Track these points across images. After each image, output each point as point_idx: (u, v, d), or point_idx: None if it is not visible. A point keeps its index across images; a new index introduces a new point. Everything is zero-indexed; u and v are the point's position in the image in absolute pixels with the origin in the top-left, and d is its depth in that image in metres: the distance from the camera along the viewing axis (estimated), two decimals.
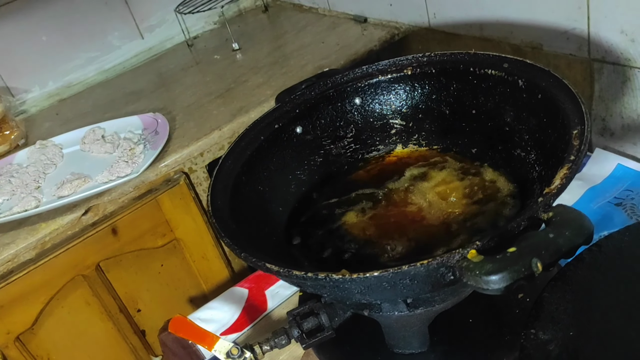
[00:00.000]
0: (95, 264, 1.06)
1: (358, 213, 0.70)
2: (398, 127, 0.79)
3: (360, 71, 0.79)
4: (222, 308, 0.88)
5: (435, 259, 0.46)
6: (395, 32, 1.24)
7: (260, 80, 1.24)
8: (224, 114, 1.15)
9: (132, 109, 1.29)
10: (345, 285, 0.50)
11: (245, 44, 1.45)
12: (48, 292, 1.02)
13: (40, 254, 0.99)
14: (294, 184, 0.76)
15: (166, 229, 1.12)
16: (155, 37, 1.57)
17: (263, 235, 0.67)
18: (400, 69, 0.77)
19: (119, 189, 1.02)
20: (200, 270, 1.20)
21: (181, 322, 0.75)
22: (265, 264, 0.52)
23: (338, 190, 0.75)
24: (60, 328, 1.06)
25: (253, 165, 0.72)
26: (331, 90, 0.78)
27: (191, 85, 1.33)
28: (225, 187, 0.66)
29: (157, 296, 1.17)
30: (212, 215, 0.60)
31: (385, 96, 0.78)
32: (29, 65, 1.44)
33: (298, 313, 0.69)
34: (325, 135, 0.79)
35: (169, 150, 1.08)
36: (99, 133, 1.15)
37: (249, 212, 0.67)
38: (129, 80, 1.47)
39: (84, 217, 1.01)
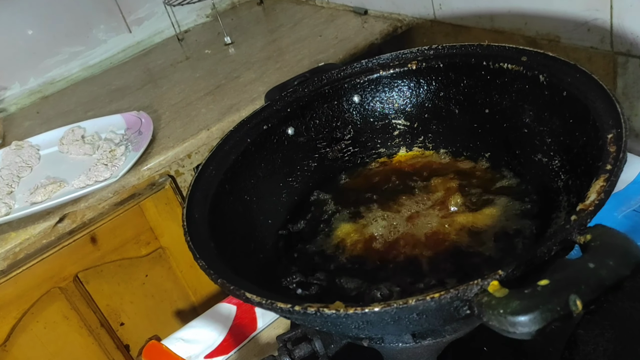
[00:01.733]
0: (73, 275, 0.98)
1: (356, 226, 0.62)
2: (401, 128, 0.71)
3: (359, 66, 0.70)
4: (206, 327, 0.80)
5: (448, 291, 0.38)
6: (398, 24, 1.16)
7: (253, 76, 1.15)
8: (213, 113, 1.06)
9: (116, 107, 1.21)
10: (340, 320, 0.42)
11: (238, 38, 1.37)
12: (21, 306, 0.94)
13: (12, 265, 0.91)
14: (285, 193, 0.68)
15: (150, 237, 1.04)
16: (144, 30, 1.49)
17: (248, 253, 0.59)
18: (403, 63, 0.68)
19: (97, 195, 0.94)
20: (188, 280, 1.11)
21: (156, 348, 0.67)
22: (245, 293, 0.44)
23: (334, 199, 0.67)
24: (35, 344, 0.98)
25: (238, 171, 0.63)
26: (327, 87, 0.70)
27: (180, 81, 1.24)
28: (205, 197, 0.58)
29: (142, 309, 1.09)
30: (187, 232, 0.52)
31: (387, 93, 0.70)
32: (9, 61, 1.35)
33: (289, 338, 0.61)
34: (320, 137, 0.71)
35: (153, 152, 0.99)
36: (78, 133, 1.07)
37: (233, 226, 0.59)
38: (115, 76, 1.39)
39: (59, 225, 0.93)
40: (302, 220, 0.66)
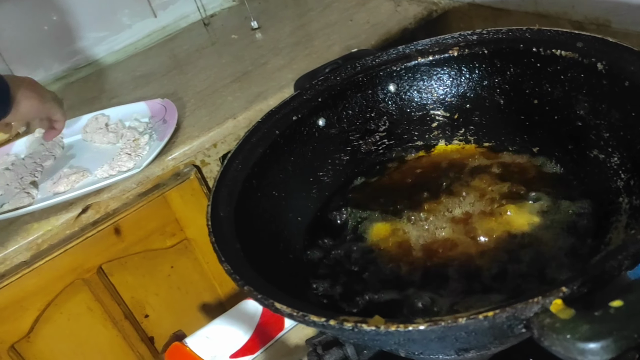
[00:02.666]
0: (97, 266, 0.96)
1: (391, 226, 0.58)
2: (440, 120, 0.66)
3: (395, 52, 0.66)
4: (232, 325, 0.77)
5: (504, 310, 0.33)
6: (433, 8, 1.10)
7: (281, 62, 1.11)
8: (240, 101, 1.03)
9: (141, 93, 1.18)
10: (380, 337, 0.38)
11: (265, 23, 1.33)
12: (44, 297, 0.92)
13: (35, 255, 0.89)
14: (316, 188, 0.64)
15: (176, 228, 1.01)
16: (170, 15, 1.45)
17: (276, 253, 0.55)
18: (444, 49, 0.63)
19: (120, 185, 0.91)
20: (214, 272, 1.09)
21: (179, 350, 0.64)
22: (275, 303, 0.40)
23: (368, 195, 0.63)
24: (59, 336, 0.97)
25: (266, 166, 0.60)
26: (360, 75, 0.65)
27: (205, 67, 1.21)
28: (231, 193, 0.54)
29: (167, 301, 1.07)
30: (212, 232, 0.48)
31: (425, 82, 0.65)
32: (33, 46, 1.33)
33: (319, 342, 0.58)
34: (352, 129, 0.66)
35: (177, 142, 0.96)
36: (102, 121, 1.04)
37: (260, 225, 0.55)
38: (139, 62, 1.36)
39: (83, 216, 0.91)
40: (333, 218, 0.62)
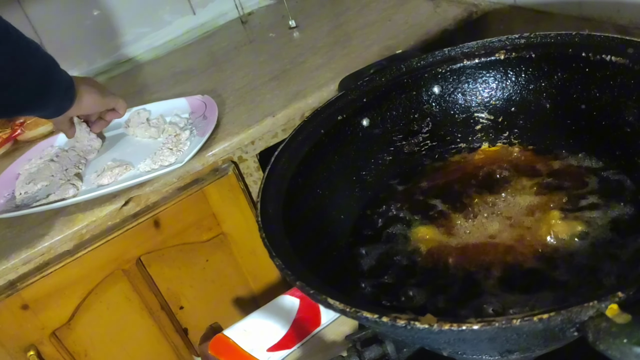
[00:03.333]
0: (136, 257, 0.98)
1: (434, 228, 0.58)
2: (484, 122, 0.66)
3: (440, 54, 0.66)
4: (269, 319, 0.78)
5: (559, 312, 0.34)
6: (473, 9, 1.10)
7: (320, 61, 1.12)
8: (279, 99, 1.04)
9: (180, 89, 1.20)
10: (431, 335, 0.38)
11: (303, 22, 1.34)
12: (86, 286, 0.95)
13: (78, 245, 0.92)
14: (359, 187, 0.65)
15: (212, 223, 1.03)
16: (208, 12, 1.48)
17: (321, 250, 0.56)
18: (490, 52, 0.64)
19: (162, 179, 0.94)
20: (248, 267, 1.10)
21: (223, 342, 0.65)
22: (327, 299, 0.41)
23: (410, 196, 0.64)
24: (98, 324, 0.99)
25: (311, 164, 0.61)
26: (405, 77, 0.66)
27: (243, 65, 1.22)
28: (279, 191, 0.56)
29: (202, 293, 1.09)
30: (262, 229, 0.50)
31: (470, 85, 0.66)
32: (78, 40, 1.37)
33: (359, 338, 0.58)
34: (396, 130, 0.67)
35: (217, 138, 0.98)
36: (144, 116, 1.07)
37: (306, 222, 0.57)
38: (178, 58, 1.38)
39: (124, 208, 0.93)
40: (376, 217, 0.63)
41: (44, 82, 0.81)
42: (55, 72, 0.83)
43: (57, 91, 0.84)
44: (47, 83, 0.81)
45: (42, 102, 0.83)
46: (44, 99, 0.82)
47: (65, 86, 0.85)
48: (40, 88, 0.80)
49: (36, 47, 0.80)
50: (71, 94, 0.87)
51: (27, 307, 0.91)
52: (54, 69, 0.83)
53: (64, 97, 0.86)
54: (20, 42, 0.77)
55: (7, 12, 1.25)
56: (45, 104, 0.84)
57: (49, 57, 0.83)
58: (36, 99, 0.81)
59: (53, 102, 0.85)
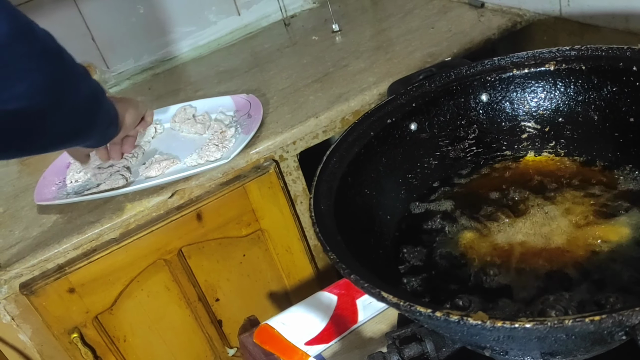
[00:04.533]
0: (178, 249, 1.01)
1: (478, 233, 0.60)
2: (531, 131, 0.67)
3: (490, 63, 0.68)
4: (307, 314, 0.80)
5: (610, 315, 0.35)
6: (518, 19, 1.10)
7: (362, 65, 1.14)
8: (322, 101, 1.06)
9: (224, 88, 1.23)
10: (482, 331, 0.40)
11: (345, 26, 1.36)
12: (129, 273, 0.98)
13: (124, 234, 0.95)
14: (404, 189, 0.67)
15: (252, 218, 1.06)
16: (252, 13, 1.51)
17: (368, 248, 0.58)
18: (540, 62, 0.65)
19: (207, 174, 0.97)
20: (283, 263, 1.13)
21: (268, 332, 0.68)
22: (381, 292, 0.43)
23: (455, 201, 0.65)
24: (138, 311, 1.03)
25: (360, 165, 0.63)
26: (455, 84, 0.68)
27: (287, 67, 1.25)
28: (330, 188, 0.58)
29: (237, 287, 1.12)
30: (316, 223, 0.52)
31: (518, 94, 0.67)
32: (126, 37, 1.41)
33: (399, 336, 0.60)
34: (443, 135, 0.69)
35: (262, 136, 1.01)
36: (190, 112, 1.10)
37: (355, 220, 0.59)
38: (222, 57, 1.42)
39: (169, 200, 0.96)
40: (421, 219, 0.64)
41: (94, 107, 0.78)
42: (104, 100, 0.80)
43: (106, 117, 0.82)
44: (97, 109, 0.79)
45: (90, 129, 0.81)
46: (91, 125, 0.80)
47: (113, 114, 0.84)
48: (89, 113, 0.78)
49: (86, 73, 0.77)
50: (117, 122, 0.86)
51: (73, 291, 0.94)
52: (102, 96, 0.80)
53: (110, 125, 0.85)
54: (73, 66, 0.73)
55: (62, 8, 1.30)
56: (92, 130, 0.82)
57: (97, 84, 0.79)
58: (85, 124, 0.79)
59: (99, 130, 0.83)
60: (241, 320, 1.03)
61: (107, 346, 1.01)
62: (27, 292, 0.90)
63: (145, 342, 1.06)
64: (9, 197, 1.07)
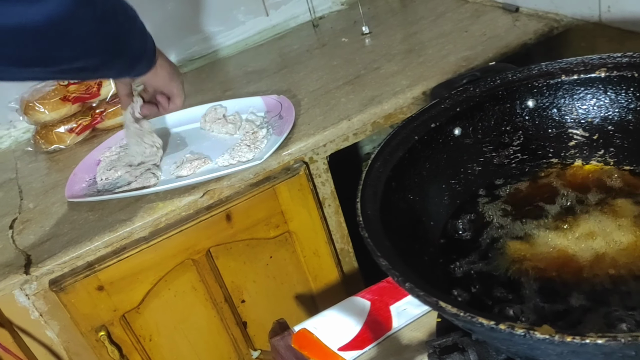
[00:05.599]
0: (206, 249, 1.01)
1: (525, 242, 0.59)
2: (579, 139, 0.66)
3: (537, 68, 0.66)
4: (340, 319, 0.79)
5: None
6: (555, 25, 1.09)
7: (395, 68, 1.13)
8: (354, 103, 1.05)
9: (254, 88, 1.23)
10: (547, 345, 0.39)
11: (375, 29, 1.35)
12: (157, 273, 0.98)
13: (154, 233, 0.95)
14: (448, 195, 0.65)
15: (280, 220, 1.05)
16: (281, 14, 1.50)
17: (413, 254, 0.57)
18: (590, 69, 0.63)
19: (239, 175, 0.96)
20: (310, 267, 1.12)
21: (306, 337, 0.67)
22: (439, 302, 0.42)
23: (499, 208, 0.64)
24: (165, 310, 1.03)
25: (404, 169, 0.62)
26: (500, 89, 0.66)
27: (317, 68, 1.24)
28: (375, 193, 0.57)
29: (263, 289, 1.11)
30: (365, 229, 0.51)
31: (566, 100, 0.65)
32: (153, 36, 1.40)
33: (439, 345, 0.59)
34: (487, 141, 0.67)
35: (294, 138, 1.00)
36: (220, 112, 1.10)
37: (399, 225, 0.57)
38: (250, 58, 1.41)
39: (199, 200, 0.96)
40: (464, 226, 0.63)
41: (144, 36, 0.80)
42: (147, 34, 0.83)
43: (148, 46, 0.83)
44: (145, 37, 0.81)
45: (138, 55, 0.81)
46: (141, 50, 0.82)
47: (153, 46, 0.85)
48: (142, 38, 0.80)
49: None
50: (154, 57, 0.86)
51: (102, 289, 0.94)
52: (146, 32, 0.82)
53: (150, 58, 0.85)
54: None
55: None
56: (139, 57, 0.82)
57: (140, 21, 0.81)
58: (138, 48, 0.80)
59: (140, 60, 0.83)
60: (266, 323, 1.02)
61: (133, 345, 1.01)
62: (57, 288, 0.90)
63: (170, 342, 1.06)
64: (38, 193, 1.07)
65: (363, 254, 1.21)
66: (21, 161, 1.22)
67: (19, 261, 0.89)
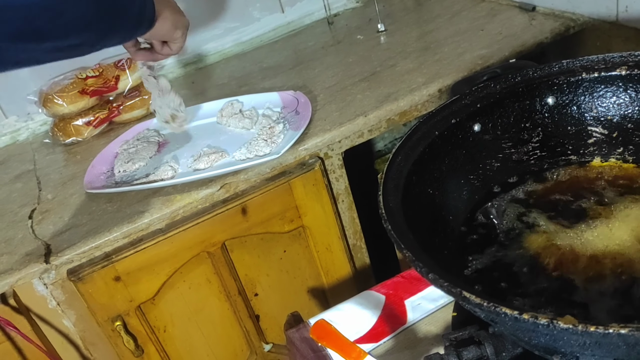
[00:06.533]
0: (222, 242, 1.02)
1: (542, 236, 0.59)
2: (598, 137, 0.66)
3: (558, 65, 0.67)
4: (355, 312, 0.80)
5: None
6: (571, 24, 1.09)
7: (410, 65, 1.14)
8: (370, 100, 1.06)
9: (269, 84, 1.24)
10: (568, 336, 0.39)
11: (390, 26, 1.36)
12: (173, 264, 0.99)
13: (170, 225, 0.96)
14: (466, 191, 0.66)
15: (295, 215, 1.06)
16: (296, 11, 1.51)
17: (433, 248, 0.58)
18: (611, 67, 0.64)
19: (256, 169, 0.97)
20: (323, 261, 1.13)
21: (324, 328, 0.67)
22: (463, 292, 0.42)
23: (517, 204, 0.64)
24: (179, 302, 1.04)
25: (424, 163, 0.62)
26: (521, 85, 0.67)
27: (332, 65, 1.25)
28: (397, 186, 0.58)
29: (276, 282, 1.12)
30: (387, 221, 0.51)
31: (586, 98, 0.66)
32: None
33: (456, 338, 0.59)
34: (506, 137, 0.68)
35: (310, 133, 1.01)
36: (237, 107, 1.10)
37: (419, 218, 0.58)
38: (265, 54, 1.42)
39: (216, 193, 0.97)
40: (482, 221, 0.64)
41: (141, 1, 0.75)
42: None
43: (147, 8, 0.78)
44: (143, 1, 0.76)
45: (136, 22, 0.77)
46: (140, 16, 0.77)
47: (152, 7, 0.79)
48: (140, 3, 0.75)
49: None
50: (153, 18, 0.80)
51: (119, 279, 0.95)
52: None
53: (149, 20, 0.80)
54: None
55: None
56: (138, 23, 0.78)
57: None
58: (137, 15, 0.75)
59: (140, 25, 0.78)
60: (278, 316, 1.03)
61: (147, 335, 1.02)
62: (75, 278, 0.91)
63: (184, 333, 1.07)
64: (56, 184, 1.08)
65: (375, 250, 1.22)
66: (39, 153, 1.24)
67: (39, 250, 0.91)
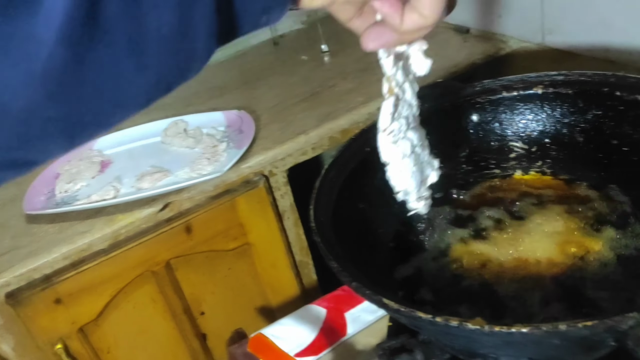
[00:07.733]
0: (166, 261, 1.02)
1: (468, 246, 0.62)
2: (518, 151, 0.70)
3: (480, 85, 0.71)
4: (297, 326, 0.81)
5: (602, 321, 0.38)
6: (502, 46, 1.15)
7: (350, 86, 1.17)
8: (310, 119, 1.09)
9: (215, 104, 1.25)
10: (481, 337, 0.42)
11: (333, 47, 1.39)
12: (116, 285, 0.98)
13: (113, 245, 0.96)
14: (397, 204, 0.68)
15: (239, 232, 1.07)
16: None
17: (364, 260, 0.60)
18: (528, 86, 0.68)
19: (199, 187, 0.98)
20: (268, 278, 1.14)
21: (262, 342, 0.69)
22: (382, 299, 0.45)
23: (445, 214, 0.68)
24: (123, 323, 1.03)
25: (356, 178, 0.65)
26: (446, 104, 0.71)
27: (275, 85, 1.27)
28: (328, 202, 0.60)
29: (222, 301, 1.12)
30: (318, 234, 0.54)
31: (507, 115, 0.70)
32: None
33: (389, 347, 0.62)
34: (434, 153, 0.71)
35: (253, 152, 1.02)
36: (181, 126, 1.11)
37: (350, 232, 0.60)
38: (212, 74, 1.43)
39: (160, 212, 0.97)
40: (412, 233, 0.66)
41: None
42: None
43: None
44: None
45: None
46: None
47: None
48: None
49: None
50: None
51: (59, 302, 0.94)
52: None
53: None
54: None
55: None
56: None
57: None
58: None
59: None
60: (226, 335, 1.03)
61: (90, 358, 1.01)
62: (13, 302, 0.90)
63: (128, 355, 1.06)
64: None
65: (322, 266, 1.24)
66: None
67: None
